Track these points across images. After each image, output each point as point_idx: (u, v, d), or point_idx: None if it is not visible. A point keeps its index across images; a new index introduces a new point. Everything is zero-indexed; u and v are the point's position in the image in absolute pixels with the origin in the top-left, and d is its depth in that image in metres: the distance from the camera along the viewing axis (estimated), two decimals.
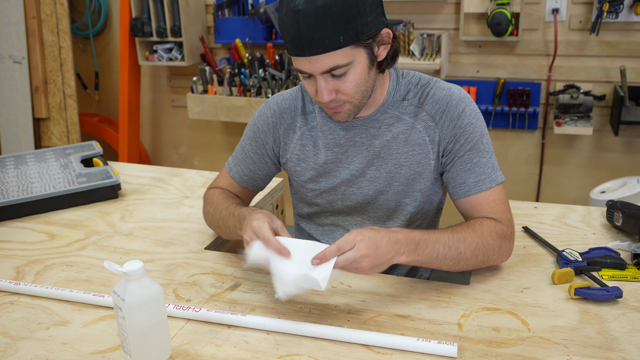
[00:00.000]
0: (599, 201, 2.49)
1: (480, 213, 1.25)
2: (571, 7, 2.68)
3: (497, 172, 1.27)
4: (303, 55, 1.12)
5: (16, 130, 3.36)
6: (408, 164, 1.29)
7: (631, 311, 1.11)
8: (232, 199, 1.39)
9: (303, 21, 1.08)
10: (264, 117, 1.38)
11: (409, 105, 1.29)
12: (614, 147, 2.84)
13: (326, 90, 1.15)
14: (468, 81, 2.93)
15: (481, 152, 1.26)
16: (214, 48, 3.28)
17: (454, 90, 1.28)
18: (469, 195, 1.26)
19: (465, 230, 1.18)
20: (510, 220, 1.26)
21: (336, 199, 1.36)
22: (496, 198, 1.25)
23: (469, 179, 1.26)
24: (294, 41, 1.11)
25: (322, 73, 1.13)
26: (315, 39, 1.09)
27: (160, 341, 1.00)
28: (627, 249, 1.32)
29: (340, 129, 1.31)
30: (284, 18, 1.11)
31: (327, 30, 1.08)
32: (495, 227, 1.21)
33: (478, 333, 1.06)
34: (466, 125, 1.25)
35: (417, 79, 1.31)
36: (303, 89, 1.37)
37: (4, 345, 1.07)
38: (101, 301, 1.18)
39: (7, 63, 3.28)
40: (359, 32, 1.11)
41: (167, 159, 3.69)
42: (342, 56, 1.12)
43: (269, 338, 1.07)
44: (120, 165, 2.02)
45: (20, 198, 1.63)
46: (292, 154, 1.36)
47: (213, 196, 1.42)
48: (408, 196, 1.32)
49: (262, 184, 1.45)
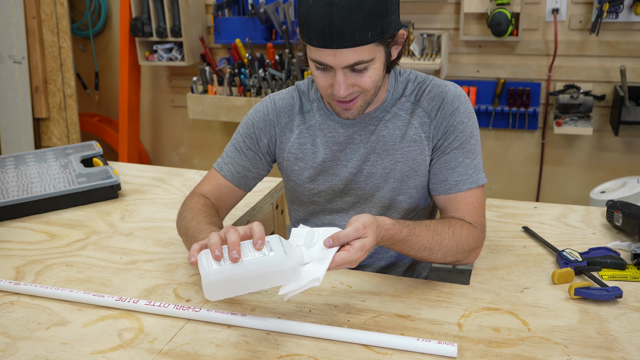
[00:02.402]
0: (599, 201, 2.49)
1: (457, 212, 1.27)
2: (571, 7, 2.68)
3: (480, 174, 1.27)
4: (330, 48, 1.10)
5: (16, 130, 3.36)
6: (404, 160, 1.29)
7: (631, 311, 1.11)
8: (211, 216, 1.28)
9: (336, 12, 1.06)
10: (260, 114, 1.36)
11: (406, 102, 1.30)
12: (614, 147, 2.84)
13: (344, 85, 1.15)
14: (468, 81, 2.93)
15: (467, 152, 1.27)
16: (214, 48, 3.28)
17: (450, 87, 1.29)
18: (448, 193, 1.28)
19: (445, 231, 1.20)
20: (484, 225, 1.28)
21: (334, 196, 1.36)
22: (474, 201, 1.27)
23: (450, 177, 1.27)
24: (322, 32, 1.09)
25: (344, 67, 1.13)
26: (346, 32, 1.08)
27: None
28: (627, 249, 1.32)
29: (340, 127, 1.31)
30: (312, 8, 1.09)
31: (359, 24, 1.07)
32: (473, 234, 1.23)
33: (478, 333, 1.06)
34: (457, 123, 1.26)
35: (414, 76, 1.32)
36: (300, 89, 1.37)
37: (4, 345, 1.07)
38: (101, 301, 1.18)
39: (7, 63, 3.28)
40: (384, 30, 1.11)
41: (167, 159, 3.69)
42: (367, 52, 1.12)
43: (269, 338, 1.07)
44: (120, 165, 2.02)
45: (20, 198, 1.63)
46: (289, 153, 1.35)
47: (194, 204, 1.32)
48: (402, 193, 1.32)
49: (253, 182, 1.41)
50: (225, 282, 0.96)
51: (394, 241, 1.13)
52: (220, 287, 0.97)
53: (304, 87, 1.37)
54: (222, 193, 1.39)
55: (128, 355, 1.03)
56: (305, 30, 1.13)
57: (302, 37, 1.16)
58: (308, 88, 1.37)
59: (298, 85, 1.38)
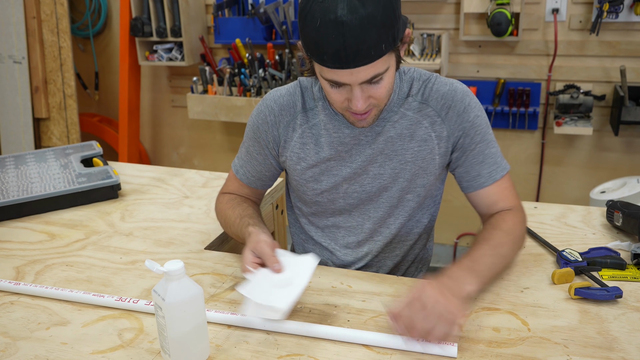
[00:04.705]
0: (599, 201, 2.49)
1: (497, 204, 1.29)
2: (571, 7, 2.68)
3: (504, 160, 1.31)
4: (347, 68, 1.06)
5: (16, 130, 3.36)
6: (413, 160, 1.29)
7: (631, 311, 1.11)
8: (239, 207, 1.37)
9: (349, 33, 1.02)
10: (262, 115, 1.34)
11: (413, 102, 1.28)
12: (614, 147, 2.84)
13: (362, 99, 1.12)
14: (468, 81, 2.93)
15: (490, 143, 1.29)
16: (214, 48, 3.28)
17: (457, 85, 1.29)
18: (484, 186, 1.28)
19: (493, 232, 1.20)
20: (521, 205, 1.31)
21: (337, 197, 1.35)
22: (507, 185, 1.30)
23: (483, 170, 1.28)
24: (337, 54, 1.04)
25: (361, 83, 1.10)
26: (361, 51, 1.04)
27: (199, 341, 1.01)
28: (627, 249, 1.32)
29: (345, 127, 1.29)
30: (321, 30, 1.04)
31: (373, 40, 1.04)
32: (515, 219, 1.25)
33: (478, 333, 1.06)
34: (474, 118, 1.26)
35: (418, 74, 1.30)
36: (302, 84, 1.34)
37: (4, 345, 1.07)
38: (101, 301, 1.18)
39: (7, 63, 3.28)
40: (395, 38, 1.08)
41: (167, 159, 3.69)
42: (382, 63, 1.09)
43: (269, 338, 1.07)
44: (120, 165, 2.02)
45: (20, 198, 1.63)
46: (291, 152, 1.34)
47: (222, 205, 1.41)
48: (411, 192, 1.32)
49: (270, 182, 1.44)
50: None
51: (462, 275, 1.09)
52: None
53: (307, 83, 1.33)
54: (244, 192, 1.44)
55: (128, 355, 1.03)
56: (315, 52, 1.08)
57: (312, 57, 1.11)
58: (312, 85, 1.33)
59: (301, 81, 1.34)
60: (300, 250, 1.50)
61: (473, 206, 1.34)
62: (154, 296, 0.98)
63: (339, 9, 1.02)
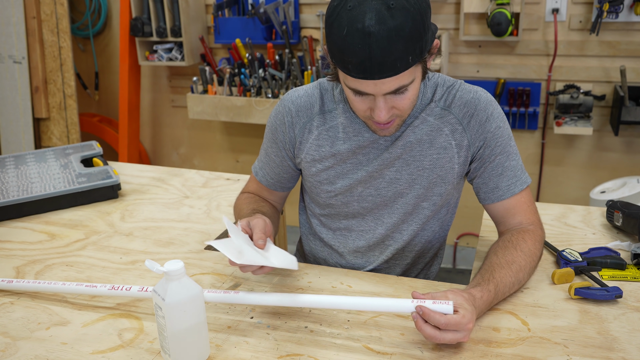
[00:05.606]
0: (599, 201, 2.49)
1: (514, 218, 1.26)
2: (571, 7, 2.68)
3: (525, 173, 1.28)
4: (372, 79, 1.04)
5: (16, 130, 3.36)
6: (431, 167, 1.26)
7: (631, 311, 1.11)
8: (255, 203, 1.37)
9: (376, 44, 1.00)
10: (279, 116, 1.33)
11: (435, 107, 1.25)
12: (614, 147, 2.84)
13: (385, 110, 1.11)
14: (468, 81, 2.89)
15: (510, 155, 1.25)
16: (214, 48, 3.28)
17: (481, 93, 1.26)
18: (502, 199, 1.26)
19: (515, 255, 1.17)
20: (540, 221, 1.28)
21: (352, 200, 1.33)
22: (527, 200, 1.27)
23: (501, 183, 1.25)
24: (362, 64, 1.02)
25: (385, 94, 1.09)
26: (387, 63, 1.02)
27: (199, 341, 1.01)
28: (627, 249, 1.32)
29: (366, 131, 1.26)
30: (347, 39, 1.02)
31: (399, 52, 1.01)
32: (535, 238, 1.22)
33: (478, 333, 1.06)
34: (495, 129, 1.23)
35: (442, 80, 1.28)
36: (323, 86, 1.31)
37: (4, 345, 1.07)
38: (94, 291, 1.18)
39: (7, 63, 3.28)
40: (423, 50, 1.06)
41: (167, 159, 3.69)
42: (408, 76, 1.07)
43: (269, 338, 1.07)
44: (120, 165, 2.02)
45: (20, 198, 1.63)
46: (307, 154, 1.32)
47: (239, 201, 1.43)
48: (427, 199, 1.30)
49: (290, 184, 1.43)
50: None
51: (488, 302, 1.09)
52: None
53: (328, 85, 1.31)
54: (264, 194, 1.45)
55: (128, 355, 1.04)
56: (340, 60, 1.06)
57: (336, 64, 1.09)
58: (332, 87, 1.31)
59: (321, 83, 1.32)
60: (308, 252, 1.50)
61: (490, 216, 1.32)
62: (154, 296, 0.98)
63: (367, 18, 1.00)
